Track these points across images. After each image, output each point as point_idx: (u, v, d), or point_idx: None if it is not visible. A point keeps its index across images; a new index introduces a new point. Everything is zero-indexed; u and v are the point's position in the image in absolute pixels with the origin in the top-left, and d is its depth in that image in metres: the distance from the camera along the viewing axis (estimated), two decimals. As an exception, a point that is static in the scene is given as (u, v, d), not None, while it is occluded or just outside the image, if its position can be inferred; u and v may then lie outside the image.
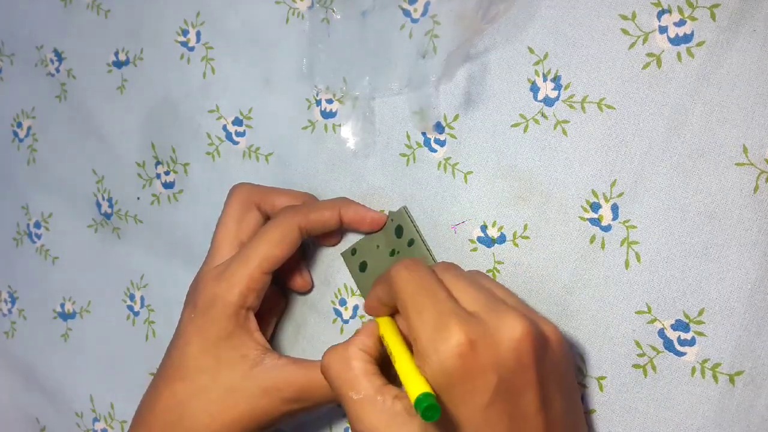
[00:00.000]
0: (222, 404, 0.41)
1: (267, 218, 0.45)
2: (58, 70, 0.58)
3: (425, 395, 0.32)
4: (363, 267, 0.45)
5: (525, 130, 0.41)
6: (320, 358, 0.47)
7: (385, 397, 0.35)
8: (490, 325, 0.33)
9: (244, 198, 0.45)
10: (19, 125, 0.60)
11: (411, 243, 0.43)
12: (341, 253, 0.46)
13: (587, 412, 0.40)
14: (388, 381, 0.36)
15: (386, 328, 0.37)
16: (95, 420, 0.57)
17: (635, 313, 0.38)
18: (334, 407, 0.46)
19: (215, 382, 0.41)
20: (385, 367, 0.37)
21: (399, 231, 0.44)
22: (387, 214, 0.44)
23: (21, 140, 0.60)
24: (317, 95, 0.47)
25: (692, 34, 0.37)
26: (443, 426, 0.33)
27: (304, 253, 0.48)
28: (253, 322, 0.42)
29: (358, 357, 0.36)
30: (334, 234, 0.46)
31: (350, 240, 0.46)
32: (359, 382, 0.35)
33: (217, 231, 0.45)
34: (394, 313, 0.38)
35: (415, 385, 0.32)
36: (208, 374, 0.41)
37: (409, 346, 0.36)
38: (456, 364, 0.32)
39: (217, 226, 0.45)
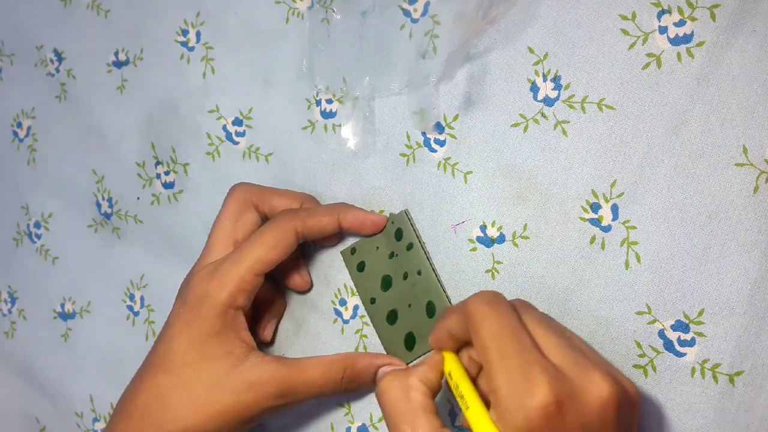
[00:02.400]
0: (205, 398, 0.41)
1: (265, 218, 0.45)
2: (58, 70, 0.58)
3: None
4: (361, 267, 0.45)
5: (525, 130, 0.41)
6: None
7: None
8: (575, 382, 0.31)
9: (242, 198, 0.45)
10: (19, 125, 0.60)
11: (410, 247, 0.43)
12: (341, 252, 0.46)
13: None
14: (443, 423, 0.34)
15: (454, 367, 0.35)
16: (95, 420, 0.57)
17: (635, 313, 0.38)
18: (334, 407, 0.46)
19: (199, 376, 0.41)
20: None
21: (399, 234, 0.44)
22: (388, 216, 0.44)
23: (21, 140, 0.60)
24: (317, 95, 0.47)
25: (692, 34, 0.37)
26: None
27: (303, 252, 0.48)
28: (241, 322, 0.42)
29: (419, 389, 0.34)
30: (334, 235, 0.46)
31: (350, 239, 0.46)
32: (417, 418, 0.33)
33: (213, 229, 0.45)
34: (461, 348, 0.37)
35: None
36: (193, 368, 0.41)
37: (477, 387, 0.34)
38: (540, 422, 0.30)
39: (213, 224, 0.45)
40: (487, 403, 0.33)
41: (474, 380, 0.35)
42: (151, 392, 0.42)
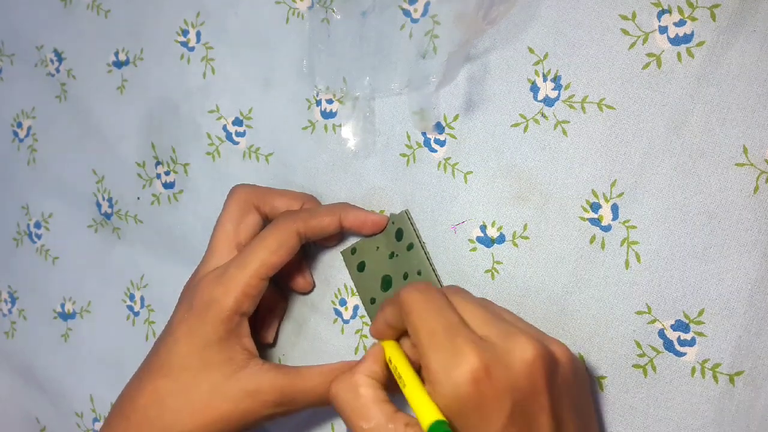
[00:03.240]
0: (203, 404, 0.41)
1: (266, 219, 0.45)
2: (58, 70, 0.58)
3: (438, 423, 0.31)
4: (361, 267, 0.45)
5: (525, 130, 0.41)
6: (321, 359, 0.47)
7: (397, 425, 0.34)
8: (501, 349, 0.32)
9: (243, 199, 0.45)
10: (19, 125, 0.60)
11: (410, 247, 0.43)
12: (341, 252, 0.46)
13: (587, 412, 0.40)
14: (397, 407, 0.35)
15: (393, 352, 0.37)
16: (95, 420, 0.57)
17: (635, 313, 0.38)
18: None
19: (199, 382, 0.41)
20: (391, 390, 0.36)
21: (399, 234, 0.44)
22: (389, 216, 0.44)
23: (21, 140, 0.60)
24: (317, 95, 0.47)
25: (692, 34, 0.37)
26: None
27: (304, 253, 0.47)
28: (245, 328, 0.43)
29: (366, 384, 0.35)
30: (335, 235, 0.46)
31: (350, 240, 0.46)
32: (369, 410, 0.35)
33: (215, 232, 0.45)
34: (399, 337, 0.38)
35: (428, 413, 0.32)
36: (193, 374, 0.41)
37: (417, 370, 0.35)
38: (470, 389, 0.31)
39: (215, 227, 0.45)
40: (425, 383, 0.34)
41: (417, 366, 0.36)
42: (150, 395, 0.42)
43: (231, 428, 0.41)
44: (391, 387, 0.36)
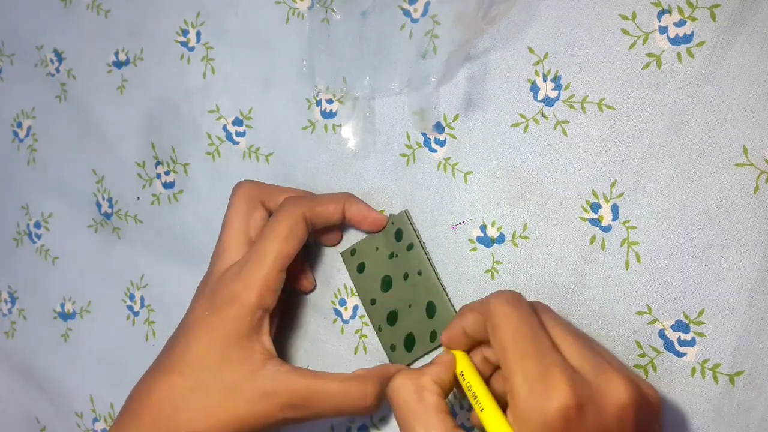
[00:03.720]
0: (220, 403, 0.40)
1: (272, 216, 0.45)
2: (58, 70, 0.58)
3: None
4: (361, 268, 0.45)
5: (525, 130, 0.41)
6: (321, 359, 0.47)
7: None
8: (594, 386, 0.31)
9: (248, 195, 0.45)
10: (19, 125, 0.60)
11: (410, 247, 0.43)
12: (341, 253, 0.46)
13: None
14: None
15: (467, 367, 0.35)
16: (95, 420, 0.57)
17: (635, 313, 0.38)
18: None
19: (216, 380, 0.41)
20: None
21: (399, 234, 0.44)
22: (388, 216, 0.44)
23: (21, 140, 0.60)
24: (317, 95, 0.47)
25: (692, 34, 0.37)
26: None
27: (304, 252, 0.47)
28: (265, 326, 0.42)
29: (432, 390, 0.34)
30: (335, 234, 0.46)
31: (350, 240, 0.46)
32: (430, 418, 0.33)
33: (225, 229, 0.44)
34: (472, 348, 0.36)
35: None
36: (210, 372, 0.41)
37: (489, 388, 0.34)
38: (558, 425, 0.30)
39: (224, 224, 0.45)
40: (501, 405, 0.33)
41: (487, 381, 0.35)
42: (163, 393, 0.41)
43: (246, 429, 0.40)
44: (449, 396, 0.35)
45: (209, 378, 0.41)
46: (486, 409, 0.33)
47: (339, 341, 0.47)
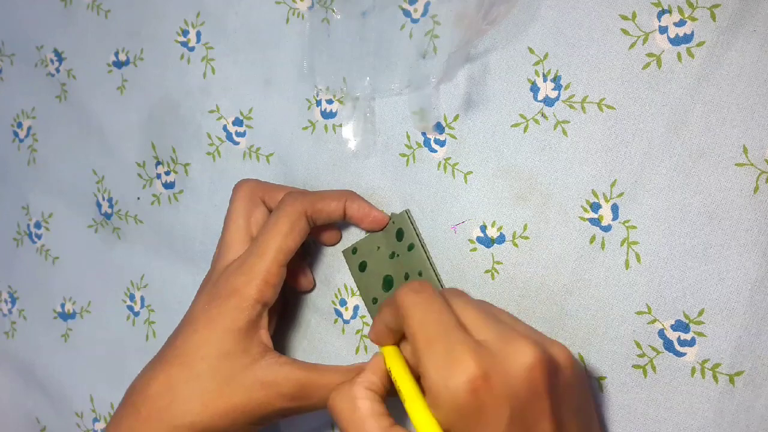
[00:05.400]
0: (217, 393, 0.41)
1: None
2: (58, 70, 0.58)
3: None
4: (362, 267, 0.45)
5: (525, 131, 0.41)
6: (322, 359, 0.47)
7: None
8: (500, 354, 0.32)
9: (249, 193, 0.45)
10: (19, 125, 0.60)
11: (411, 247, 0.43)
12: (342, 251, 0.46)
13: (587, 412, 0.40)
14: (395, 419, 0.35)
15: (393, 361, 0.36)
16: (95, 420, 0.57)
17: (635, 313, 0.38)
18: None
19: (214, 371, 0.41)
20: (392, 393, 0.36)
21: (400, 234, 0.44)
22: (390, 215, 0.44)
23: (21, 140, 0.60)
24: (317, 95, 0.47)
25: (692, 34, 0.37)
26: None
27: (304, 252, 0.48)
28: (264, 320, 0.42)
29: (364, 396, 0.35)
30: (334, 233, 0.46)
31: (350, 239, 0.46)
32: (365, 423, 0.34)
33: (227, 227, 0.45)
34: (400, 340, 0.38)
35: (427, 428, 0.32)
36: (208, 362, 0.41)
37: (416, 376, 0.35)
38: (468, 398, 0.31)
39: (225, 222, 0.45)
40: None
41: (418, 374, 0.36)
42: (162, 384, 0.41)
43: (243, 420, 0.41)
44: (393, 394, 0.36)
45: (207, 369, 0.41)
46: (407, 400, 0.34)
47: (340, 341, 0.47)
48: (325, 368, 0.41)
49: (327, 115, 0.47)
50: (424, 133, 0.44)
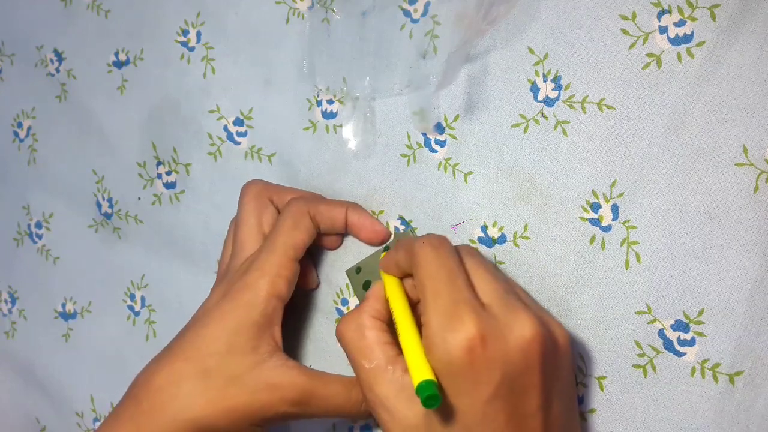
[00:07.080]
0: (222, 391, 0.40)
1: None
2: (58, 70, 0.58)
3: (428, 383, 0.32)
4: (367, 286, 0.45)
5: (525, 131, 0.41)
6: (324, 359, 0.47)
7: (395, 368, 0.35)
8: (502, 321, 0.33)
9: (258, 193, 0.45)
10: (19, 125, 0.60)
11: None
12: (346, 271, 0.45)
13: (587, 412, 0.40)
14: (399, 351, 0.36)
15: (392, 291, 0.37)
16: (95, 420, 0.57)
17: (635, 313, 0.38)
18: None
19: (221, 368, 0.40)
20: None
21: None
22: (390, 229, 0.45)
23: (21, 140, 0.60)
24: (318, 96, 0.47)
25: (692, 34, 0.37)
26: (442, 411, 0.33)
27: (307, 250, 0.47)
28: (278, 316, 0.42)
29: (372, 325, 0.37)
30: (335, 237, 0.46)
31: (349, 244, 0.46)
32: (372, 351, 0.36)
33: (239, 227, 0.45)
34: (406, 276, 0.39)
35: (419, 371, 0.32)
36: (216, 359, 0.41)
37: (414, 311, 0.36)
38: (463, 356, 0.32)
39: (237, 222, 0.45)
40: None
41: (416, 305, 0.37)
42: (165, 378, 0.41)
43: (245, 420, 0.40)
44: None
45: (214, 365, 0.41)
46: (401, 334, 0.35)
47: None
48: (329, 378, 0.41)
49: (327, 115, 0.47)
50: (424, 134, 0.44)
